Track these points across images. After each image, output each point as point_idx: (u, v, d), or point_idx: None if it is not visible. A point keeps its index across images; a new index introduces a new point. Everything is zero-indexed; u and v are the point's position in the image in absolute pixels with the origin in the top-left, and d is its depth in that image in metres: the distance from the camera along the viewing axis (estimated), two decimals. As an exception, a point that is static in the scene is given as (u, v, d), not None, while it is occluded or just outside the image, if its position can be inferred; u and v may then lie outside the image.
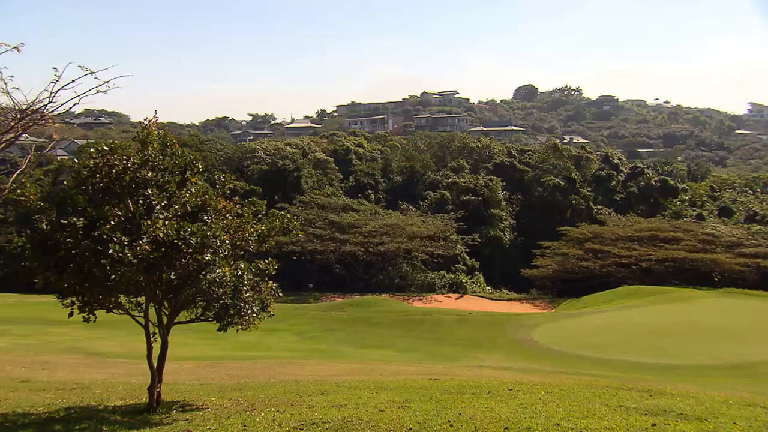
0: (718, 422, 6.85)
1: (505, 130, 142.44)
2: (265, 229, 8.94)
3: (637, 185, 60.50)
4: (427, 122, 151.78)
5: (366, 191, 59.98)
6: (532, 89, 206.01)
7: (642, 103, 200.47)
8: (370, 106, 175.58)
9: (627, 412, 7.34)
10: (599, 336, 25.36)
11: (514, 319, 29.66)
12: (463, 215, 50.39)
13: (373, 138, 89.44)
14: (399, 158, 71.07)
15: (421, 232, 45.80)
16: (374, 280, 45.11)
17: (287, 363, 17.04)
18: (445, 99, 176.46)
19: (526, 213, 57.85)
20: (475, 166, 68.15)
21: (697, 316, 28.83)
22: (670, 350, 22.41)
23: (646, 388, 10.06)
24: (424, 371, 14.74)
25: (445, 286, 45.31)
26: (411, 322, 29.46)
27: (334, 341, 25.96)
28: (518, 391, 9.11)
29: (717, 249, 43.07)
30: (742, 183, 76.90)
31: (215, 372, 14.11)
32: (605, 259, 43.21)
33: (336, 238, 44.57)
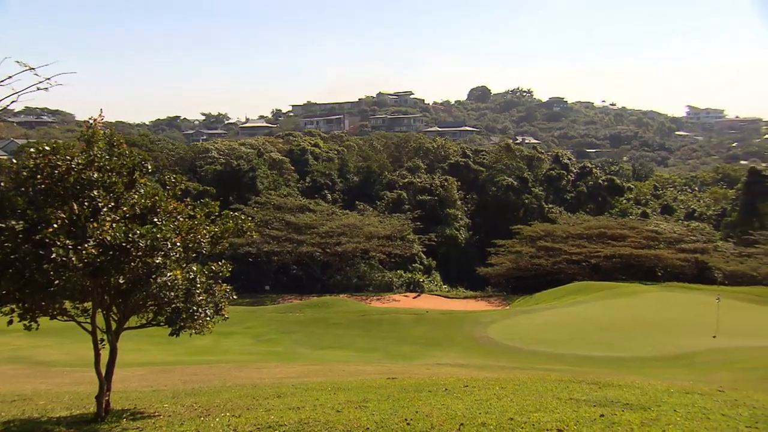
0: (660, 410, 7.17)
1: (460, 131, 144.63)
2: (219, 231, 8.77)
3: (586, 184, 62.53)
4: (384, 122, 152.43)
5: (323, 191, 59.66)
6: (485, 90, 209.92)
7: (590, 105, 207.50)
8: (326, 106, 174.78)
9: (577, 404, 7.59)
10: (551, 331, 26.09)
11: (470, 317, 30.11)
12: (419, 215, 50.84)
13: (330, 138, 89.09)
14: (355, 158, 71.03)
15: (378, 232, 45.91)
16: (332, 281, 44.91)
17: (243, 366, 16.77)
18: (400, 99, 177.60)
19: (481, 212, 58.87)
20: (430, 166, 68.87)
21: (642, 310, 30.07)
22: (617, 343, 23.29)
23: (595, 381, 10.42)
24: (382, 371, 14.80)
25: (402, 285, 45.57)
26: (369, 322, 29.49)
27: (291, 343, 25.71)
28: (474, 388, 9.28)
29: (660, 245, 44.99)
30: (682, 182, 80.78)
31: (168, 378, 13.74)
32: (556, 256, 44.43)
33: (293, 238, 44.13)
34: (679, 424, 6.46)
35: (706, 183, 79.99)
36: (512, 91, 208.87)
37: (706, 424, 6.48)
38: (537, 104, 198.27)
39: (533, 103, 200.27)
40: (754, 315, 28.42)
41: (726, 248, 46.86)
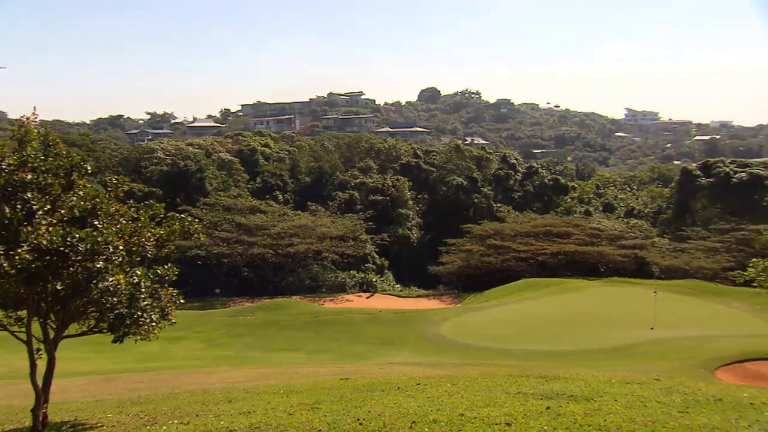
0: (602, 400, 7.49)
1: (411, 131, 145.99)
2: (164, 233, 8.52)
3: (533, 184, 64.32)
4: (335, 123, 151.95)
5: (274, 192, 58.84)
6: (435, 92, 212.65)
7: (535, 107, 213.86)
8: (276, 106, 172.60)
9: (525, 397, 7.81)
10: (501, 327, 26.71)
11: (422, 316, 30.42)
12: (372, 215, 50.94)
13: (280, 138, 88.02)
14: (307, 159, 70.44)
15: (330, 233, 45.69)
16: (284, 282, 44.37)
17: (192, 372, 16.35)
18: (351, 100, 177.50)
19: (432, 212, 59.57)
20: (382, 166, 69.15)
21: (586, 304, 31.21)
22: (563, 337, 24.11)
23: (542, 375, 10.74)
24: (336, 371, 14.76)
25: (355, 285, 45.53)
26: (322, 323, 29.34)
27: (242, 347, 25.27)
28: (426, 385, 9.39)
29: (602, 242, 46.74)
30: (622, 181, 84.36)
31: (113, 387, 13.23)
32: (505, 254, 45.46)
33: (243, 240, 43.29)
34: (619, 412, 6.75)
35: (643, 182, 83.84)
36: (461, 93, 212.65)
37: (643, 412, 6.80)
38: (485, 105, 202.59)
39: (482, 104, 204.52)
40: (688, 307, 30.02)
41: (662, 244, 49.21)
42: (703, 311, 29.18)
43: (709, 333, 23.93)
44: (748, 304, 29.02)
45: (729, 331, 24.51)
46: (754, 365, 18.27)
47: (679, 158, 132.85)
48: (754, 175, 53.83)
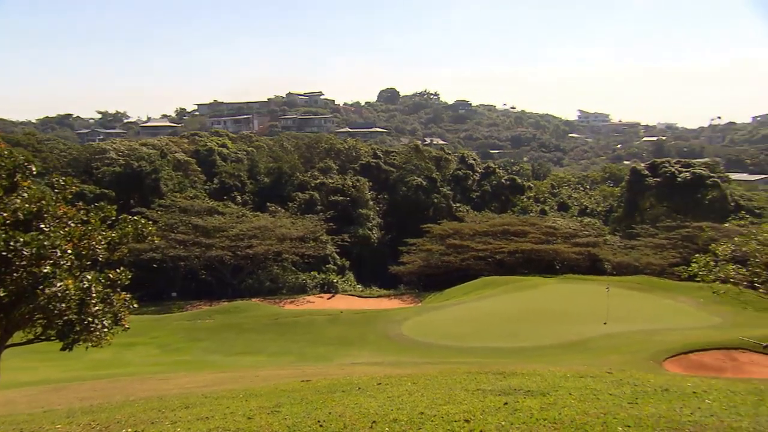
0: (557, 395, 7.69)
1: (370, 132, 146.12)
2: (116, 236, 8.28)
3: (490, 184, 65.46)
4: (294, 123, 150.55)
5: (232, 193, 57.83)
6: (394, 92, 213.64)
7: (492, 108, 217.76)
8: (233, 106, 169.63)
9: (483, 394, 7.95)
10: (461, 325, 27.09)
11: (383, 315, 30.52)
12: (332, 215, 50.75)
13: (238, 138, 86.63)
14: (266, 159, 69.54)
15: (290, 234, 45.25)
16: (243, 285, 43.68)
17: (148, 378, 15.91)
18: (311, 100, 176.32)
19: (393, 212, 59.82)
20: (342, 166, 68.98)
21: (542, 301, 32.03)
22: (521, 334, 24.66)
23: (500, 371, 10.95)
24: (297, 373, 14.64)
25: (316, 286, 45.26)
26: (283, 325, 29.05)
27: (200, 351, 24.77)
28: (387, 385, 9.43)
29: (557, 240, 48.01)
30: (575, 181, 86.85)
31: (63, 396, 12.72)
32: (464, 253, 46.11)
33: (201, 242, 42.37)
34: (573, 406, 6.95)
35: (596, 182, 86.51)
36: (420, 94, 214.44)
37: (596, 404, 7.03)
38: (444, 107, 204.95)
39: (440, 105, 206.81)
40: (638, 302, 31.20)
41: (613, 241, 50.91)
42: (651, 306, 30.41)
43: (657, 326, 24.97)
44: (692, 297, 30.38)
45: (675, 324, 25.67)
46: (697, 356, 19.18)
47: (629, 158, 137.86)
48: (696, 174, 56.42)
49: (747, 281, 13.14)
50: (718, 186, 56.41)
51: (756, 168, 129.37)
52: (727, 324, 25.16)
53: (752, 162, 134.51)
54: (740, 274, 13.16)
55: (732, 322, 25.20)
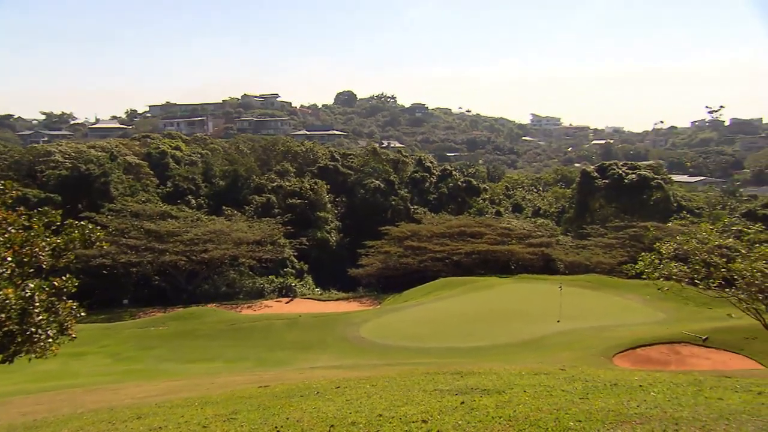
0: (512, 392, 7.89)
1: (328, 134, 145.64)
2: (62, 242, 7.98)
3: (447, 186, 66.31)
4: (250, 125, 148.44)
5: (186, 197, 56.46)
6: (351, 95, 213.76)
7: (448, 111, 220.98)
8: (187, 107, 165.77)
9: (441, 394, 8.07)
10: (419, 327, 27.31)
11: (342, 318, 30.44)
12: (290, 219, 50.24)
13: (192, 140, 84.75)
14: (221, 162, 68.25)
15: (247, 238, 44.53)
16: (199, 290, 42.69)
17: (98, 389, 15.34)
18: (267, 102, 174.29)
19: (351, 214, 59.77)
20: (300, 169, 68.46)
21: (499, 301, 32.66)
22: (478, 333, 25.07)
23: (458, 371, 11.12)
24: (254, 380, 14.44)
25: (274, 290, 44.71)
26: (240, 331, 28.57)
27: (154, 359, 24.07)
28: (345, 388, 9.44)
29: (512, 241, 49.03)
30: (529, 183, 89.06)
31: (3, 412, 12.11)
32: (422, 254, 46.52)
33: (153, 248, 41.14)
34: (527, 403, 7.14)
35: (548, 183, 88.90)
36: (377, 97, 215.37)
37: (549, 400, 7.25)
38: (400, 110, 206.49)
39: (397, 108, 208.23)
40: (589, 299, 32.23)
41: (565, 242, 52.39)
42: (602, 303, 31.47)
43: (607, 323, 25.88)
44: (639, 294, 31.63)
45: (624, 320, 26.68)
46: (644, 350, 20.03)
47: (579, 161, 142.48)
48: (642, 176, 58.85)
49: (688, 278, 13.77)
50: (661, 187, 58.97)
51: (695, 170, 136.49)
52: (670, 319, 26.35)
53: (692, 164, 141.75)
54: (682, 271, 13.78)
55: (675, 318, 26.41)
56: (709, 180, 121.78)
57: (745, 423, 5.95)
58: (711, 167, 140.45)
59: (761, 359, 17.80)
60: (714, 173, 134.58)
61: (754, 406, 6.79)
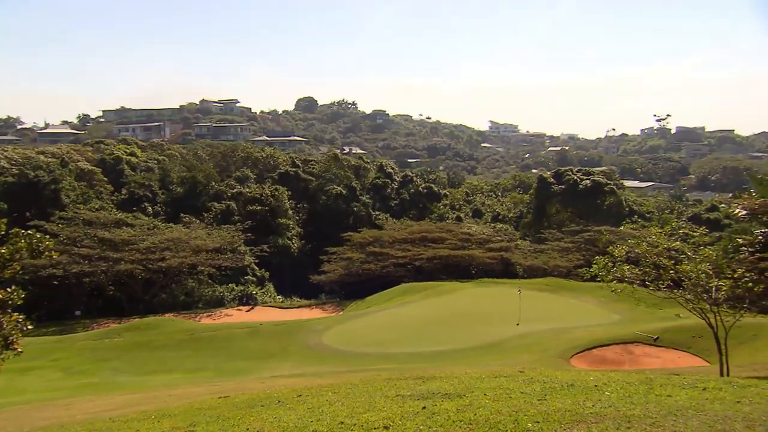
0: (473, 396, 8.01)
1: (289, 140, 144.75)
2: (7, 253, 7.67)
3: (408, 192, 66.79)
4: (208, 131, 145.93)
5: (142, 204, 54.93)
6: (312, 101, 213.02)
7: (409, 118, 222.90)
8: (143, 113, 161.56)
9: (403, 399, 8.12)
10: (382, 332, 27.38)
11: (305, 326, 30.21)
12: (250, 226, 49.49)
13: (149, 146, 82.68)
14: (179, 168, 66.78)
15: (206, 245, 43.60)
16: (156, 300, 41.53)
17: (48, 405, 14.74)
18: (226, 108, 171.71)
19: (313, 221, 59.42)
20: (260, 176, 67.67)
21: (460, 305, 33.06)
22: (440, 338, 25.32)
23: (419, 376, 11.22)
24: (214, 390, 14.18)
25: (235, 299, 43.94)
26: (199, 341, 27.97)
27: (109, 372, 23.29)
28: (307, 396, 9.39)
29: (472, 246, 49.70)
30: (488, 188, 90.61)
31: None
32: (385, 260, 46.66)
33: (108, 257, 39.75)
34: (487, 406, 7.27)
35: (507, 189, 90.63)
36: (338, 103, 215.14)
37: (508, 403, 7.41)
38: (361, 116, 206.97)
39: (358, 114, 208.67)
40: (547, 302, 33.02)
41: (524, 246, 53.44)
42: (559, 305, 32.30)
43: (565, 325, 26.56)
44: (594, 297, 32.60)
45: (580, 322, 27.44)
46: (600, 351, 20.67)
47: (536, 167, 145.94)
48: (596, 182, 60.80)
49: (639, 280, 14.30)
50: (614, 193, 61.05)
51: (645, 176, 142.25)
52: (624, 320, 27.27)
53: (642, 171, 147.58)
54: (634, 273, 14.29)
55: (628, 318, 27.35)
56: (658, 185, 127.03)
57: (691, 418, 6.23)
58: (659, 173, 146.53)
59: (707, 356, 18.64)
60: (662, 179, 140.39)
61: (699, 401, 7.13)
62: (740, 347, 17.74)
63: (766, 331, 16.48)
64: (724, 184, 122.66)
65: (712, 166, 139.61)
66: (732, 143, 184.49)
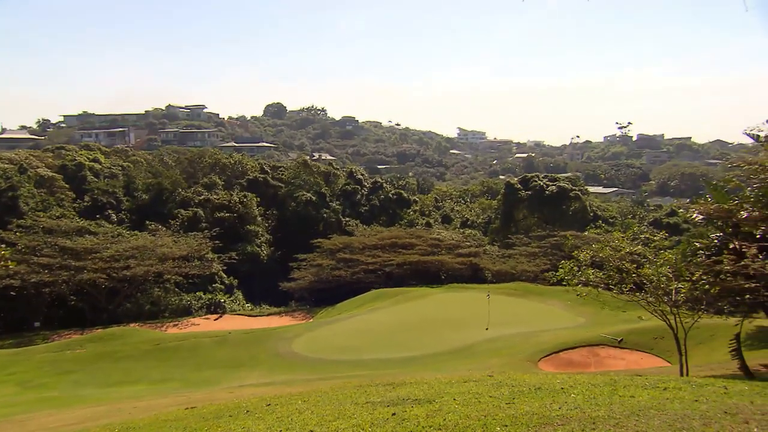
0: (442, 401, 8.08)
1: (257, 146, 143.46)
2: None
3: (378, 198, 66.94)
4: (175, 136, 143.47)
5: (106, 211, 53.57)
6: (281, 107, 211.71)
7: (378, 125, 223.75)
8: (107, 118, 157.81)
9: (373, 406, 8.13)
10: (353, 339, 27.31)
11: (274, 334, 29.90)
12: (218, 233, 48.74)
13: (113, 153, 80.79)
14: (144, 175, 65.40)
15: (173, 253, 42.75)
16: (120, 309, 40.47)
17: (2, 422, 14.19)
18: (193, 113, 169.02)
19: (282, 227, 58.93)
20: (228, 182, 66.83)
21: (430, 310, 33.27)
22: (411, 343, 25.41)
23: (390, 382, 11.24)
24: (181, 401, 13.91)
25: (202, 307, 43.18)
26: (165, 350, 27.37)
27: (70, 385, 22.56)
28: (276, 405, 9.31)
29: (442, 251, 50.12)
30: (457, 195, 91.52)
31: None
32: (355, 266, 46.59)
33: (69, 266, 38.55)
34: (457, 411, 7.35)
35: (475, 195, 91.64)
36: (307, 109, 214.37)
37: (477, 407, 7.49)
38: (331, 122, 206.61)
39: (327, 121, 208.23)
40: (515, 306, 33.53)
41: (492, 251, 54.13)
42: (527, 309, 32.82)
43: (532, 329, 27.00)
44: (561, 300, 33.25)
45: (548, 325, 27.94)
46: (566, 354, 21.09)
47: (504, 173, 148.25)
48: (561, 188, 62.09)
49: (603, 283, 14.66)
50: (579, 198, 62.45)
51: (608, 182, 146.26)
52: (589, 323, 27.88)
53: (605, 177, 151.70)
54: (598, 277, 14.65)
55: (594, 321, 27.98)
56: (621, 191, 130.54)
57: (652, 418, 6.44)
58: (622, 179, 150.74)
59: (668, 357, 19.23)
60: (625, 185, 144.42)
61: (660, 401, 7.36)
62: (698, 347, 18.36)
63: (723, 332, 17.09)
64: (682, 190, 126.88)
65: (671, 173, 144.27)
66: (689, 150, 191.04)
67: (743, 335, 13.42)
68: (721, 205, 12.25)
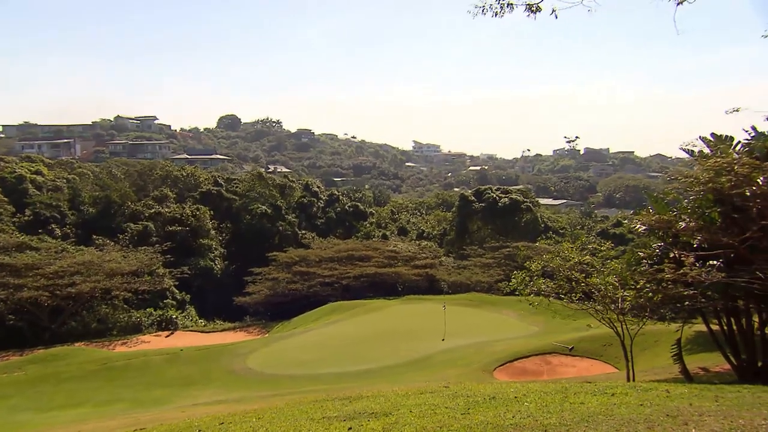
0: (399, 413, 8.12)
1: (211, 159, 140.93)
2: None
3: (335, 210, 66.79)
4: (124, 148, 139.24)
5: (49, 226, 51.25)
6: (235, 119, 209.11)
7: (334, 137, 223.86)
8: (50, 128, 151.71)
9: (329, 421, 8.09)
10: (309, 353, 27.02)
11: (228, 350, 29.25)
12: (169, 247, 47.34)
13: (57, 164, 77.61)
14: (91, 187, 63.05)
15: (121, 269, 41.20)
16: (64, 328, 38.56)
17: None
18: (143, 124, 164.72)
19: (237, 241, 57.89)
20: (180, 195, 65.19)
21: (387, 322, 33.31)
22: (368, 356, 25.35)
23: (346, 396, 11.20)
24: (128, 422, 13.41)
25: (153, 324, 41.70)
26: (112, 370, 26.31)
27: (7, 411, 21.33)
28: (230, 424, 9.12)
29: (398, 263, 50.27)
30: (413, 207, 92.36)
31: None
32: (311, 279, 46.18)
33: (8, 283, 36.54)
34: (413, 423, 7.41)
35: (430, 207, 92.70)
36: (262, 121, 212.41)
37: (433, 418, 7.58)
38: (286, 135, 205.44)
39: (283, 133, 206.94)
40: (470, 317, 33.98)
41: (448, 262, 54.76)
42: (482, 320, 33.34)
43: (487, 338, 27.44)
44: (514, 310, 33.97)
45: (502, 335, 28.45)
46: (521, 363, 21.53)
47: (458, 186, 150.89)
48: (513, 200, 63.68)
49: (554, 293, 15.05)
50: (531, 210, 64.15)
51: (558, 194, 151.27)
52: (542, 332, 28.56)
53: (555, 189, 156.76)
54: (549, 287, 15.03)
55: (546, 330, 28.69)
56: (570, 203, 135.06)
57: (600, 423, 6.69)
58: (571, 191, 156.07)
59: (616, 363, 19.90)
60: (573, 197, 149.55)
61: (608, 407, 7.65)
62: (643, 353, 19.11)
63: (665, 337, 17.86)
64: (627, 202, 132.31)
65: (617, 185, 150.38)
66: (632, 164, 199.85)
67: (684, 340, 14.09)
68: (661, 216, 12.84)
